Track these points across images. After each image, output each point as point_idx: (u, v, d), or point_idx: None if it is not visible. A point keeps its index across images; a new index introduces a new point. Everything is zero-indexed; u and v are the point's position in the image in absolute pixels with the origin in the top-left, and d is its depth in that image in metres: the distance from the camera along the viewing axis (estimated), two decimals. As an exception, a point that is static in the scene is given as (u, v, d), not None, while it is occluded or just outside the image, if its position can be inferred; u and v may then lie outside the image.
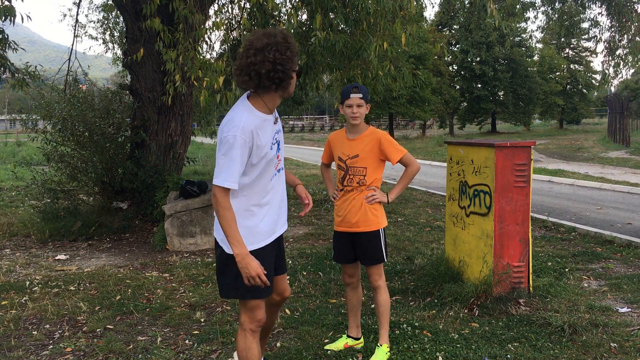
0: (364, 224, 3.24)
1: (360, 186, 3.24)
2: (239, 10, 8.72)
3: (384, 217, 3.31)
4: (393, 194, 3.25)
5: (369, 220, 3.24)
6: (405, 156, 3.24)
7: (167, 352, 3.47)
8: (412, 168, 3.27)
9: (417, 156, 21.31)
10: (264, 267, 2.45)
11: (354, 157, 3.24)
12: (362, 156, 3.22)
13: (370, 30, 6.65)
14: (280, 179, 2.62)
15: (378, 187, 3.29)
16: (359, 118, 3.20)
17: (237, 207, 2.45)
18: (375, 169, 3.24)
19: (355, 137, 3.26)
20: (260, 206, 2.51)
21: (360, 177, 3.23)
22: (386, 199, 3.25)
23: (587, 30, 28.60)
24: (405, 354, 3.35)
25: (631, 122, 26.61)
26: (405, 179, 3.27)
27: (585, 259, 5.70)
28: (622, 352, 3.39)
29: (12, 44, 7.06)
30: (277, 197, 2.58)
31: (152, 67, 7.57)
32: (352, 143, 3.26)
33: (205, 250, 6.29)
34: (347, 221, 3.28)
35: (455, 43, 39.34)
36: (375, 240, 3.26)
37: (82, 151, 7.71)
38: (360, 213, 3.23)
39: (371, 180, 3.24)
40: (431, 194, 10.91)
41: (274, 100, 2.47)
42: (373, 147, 3.22)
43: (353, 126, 3.25)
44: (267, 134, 2.44)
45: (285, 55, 2.33)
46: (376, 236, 3.26)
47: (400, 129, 51.86)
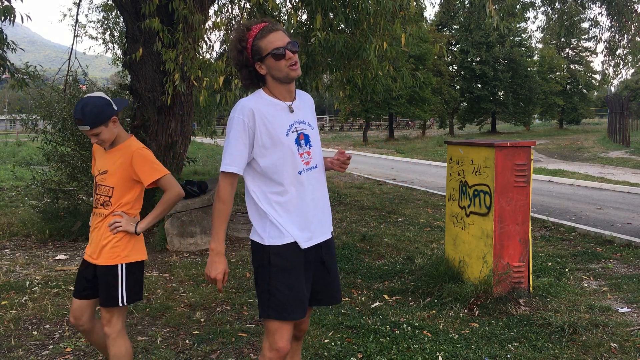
0: (101, 255, 2.64)
1: (105, 208, 2.66)
2: (239, 10, 8.73)
3: (133, 251, 2.67)
4: (143, 224, 2.67)
5: (106, 252, 2.63)
6: (164, 178, 2.66)
7: (167, 352, 3.47)
8: (171, 193, 2.68)
9: (417, 156, 21.29)
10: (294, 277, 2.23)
11: (103, 174, 2.68)
12: (111, 172, 2.65)
13: (370, 30, 6.65)
14: (313, 179, 2.33)
15: (130, 213, 2.69)
16: (104, 142, 2.65)
17: (259, 193, 2.27)
18: (125, 190, 2.66)
19: (111, 149, 2.70)
20: (280, 202, 2.26)
21: (105, 198, 2.66)
22: (133, 229, 2.63)
23: (587, 30, 28.64)
24: (405, 354, 3.35)
25: (631, 122, 26.62)
26: (162, 206, 2.69)
27: (585, 259, 5.70)
28: (622, 352, 3.39)
29: (11, 44, 7.05)
30: (306, 197, 2.29)
31: (152, 67, 7.57)
32: (106, 156, 2.71)
33: (205, 250, 6.29)
34: (90, 249, 2.71)
35: (455, 43, 39.34)
36: (109, 277, 2.61)
37: (82, 151, 7.70)
38: (101, 242, 2.64)
39: (118, 204, 2.65)
40: (431, 194, 10.90)
41: (277, 88, 2.27)
42: (124, 162, 2.64)
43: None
44: (279, 119, 2.25)
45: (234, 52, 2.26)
46: (113, 272, 2.61)
47: (400, 129, 51.86)
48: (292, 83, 2.31)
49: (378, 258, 5.82)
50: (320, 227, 2.34)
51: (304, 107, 2.39)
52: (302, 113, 2.35)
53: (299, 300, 2.24)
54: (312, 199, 2.32)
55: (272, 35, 2.20)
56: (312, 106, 2.49)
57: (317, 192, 2.35)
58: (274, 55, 2.20)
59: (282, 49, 2.19)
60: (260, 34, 2.21)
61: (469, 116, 41.47)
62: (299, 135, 2.29)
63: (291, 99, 2.33)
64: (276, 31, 2.21)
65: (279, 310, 2.22)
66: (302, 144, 2.30)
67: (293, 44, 2.22)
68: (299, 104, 2.37)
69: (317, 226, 2.33)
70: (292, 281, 2.23)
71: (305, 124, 2.34)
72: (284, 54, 2.19)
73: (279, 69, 2.21)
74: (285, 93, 2.30)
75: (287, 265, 2.24)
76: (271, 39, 2.20)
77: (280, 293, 2.22)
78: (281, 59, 2.20)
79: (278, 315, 2.22)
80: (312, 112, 2.46)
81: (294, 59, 2.21)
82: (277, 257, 2.23)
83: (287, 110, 2.29)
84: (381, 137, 39.47)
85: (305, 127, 2.33)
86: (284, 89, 2.28)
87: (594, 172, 14.13)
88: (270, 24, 2.24)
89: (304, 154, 2.30)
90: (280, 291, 2.22)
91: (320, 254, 2.36)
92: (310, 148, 2.33)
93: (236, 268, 5.45)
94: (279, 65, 2.20)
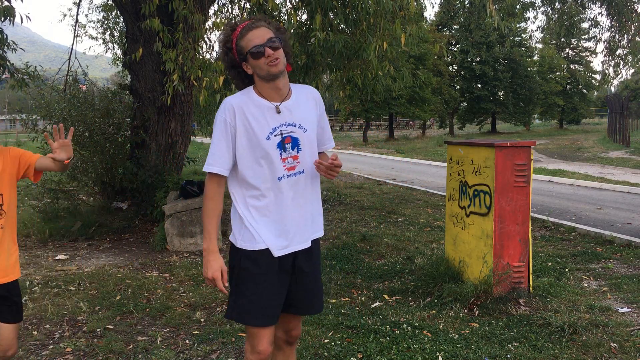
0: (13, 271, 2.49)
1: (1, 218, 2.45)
2: (239, 10, 8.72)
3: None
4: None
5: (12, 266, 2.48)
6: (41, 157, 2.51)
7: (167, 352, 3.47)
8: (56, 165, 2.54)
9: (417, 156, 21.31)
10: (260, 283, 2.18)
11: None
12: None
13: (370, 30, 6.65)
14: (298, 184, 2.21)
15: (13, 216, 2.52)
16: None
17: (237, 196, 2.24)
18: (12, 193, 2.52)
19: None
20: (257, 207, 2.20)
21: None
22: None
23: (587, 30, 28.63)
24: (405, 354, 3.35)
25: (631, 122, 26.60)
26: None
27: (585, 259, 5.70)
28: (622, 352, 3.39)
29: (11, 44, 7.06)
30: (285, 203, 2.19)
31: (152, 67, 7.57)
32: None
33: (205, 250, 6.29)
34: None
35: (455, 43, 39.34)
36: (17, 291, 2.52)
37: (82, 151, 7.71)
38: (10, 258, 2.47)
39: (9, 210, 2.48)
40: (431, 194, 10.90)
41: (264, 87, 2.19)
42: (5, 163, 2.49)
43: None
44: (261, 121, 2.16)
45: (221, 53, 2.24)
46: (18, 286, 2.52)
47: (400, 129, 51.86)
48: (280, 80, 2.18)
49: (378, 258, 5.82)
50: (299, 235, 2.23)
51: (300, 106, 2.25)
52: (294, 114, 2.22)
53: (264, 306, 2.18)
54: (294, 206, 2.21)
55: (251, 34, 2.13)
56: (315, 101, 2.33)
57: (300, 199, 2.22)
58: (252, 54, 2.13)
59: (261, 46, 2.11)
60: (241, 33, 2.15)
61: (469, 116, 41.45)
62: (284, 138, 2.18)
63: (280, 98, 2.21)
64: (256, 28, 2.14)
65: (242, 313, 2.19)
66: (287, 148, 2.18)
67: (273, 40, 2.12)
68: (293, 104, 2.24)
69: (297, 234, 2.22)
70: (259, 287, 2.18)
71: (295, 127, 2.20)
72: (262, 51, 2.11)
73: (260, 67, 2.14)
74: (273, 92, 2.20)
75: (256, 271, 2.18)
76: (250, 37, 2.13)
77: (245, 297, 2.18)
78: (260, 57, 2.12)
79: (240, 318, 2.21)
80: (312, 109, 2.30)
81: (274, 56, 2.11)
82: (248, 261, 2.20)
83: (274, 112, 2.19)
84: (381, 137, 39.47)
85: (295, 130, 2.20)
86: (270, 87, 2.19)
87: (594, 172, 14.13)
88: (252, 21, 2.17)
89: (288, 159, 2.18)
90: (246, 295, 2.18)
91: (298, 262, 2.26)
92: (298, 152, 2.20)
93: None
94: (259, 63, 2.13)
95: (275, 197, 2.18)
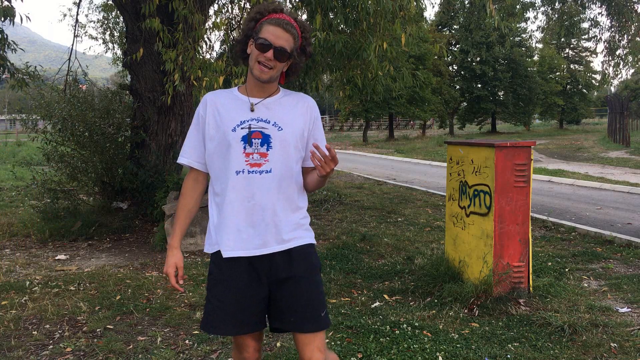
0: None
1: None
2: (239, 10, 8.73)
3: None
4: None
5: None
6: None
7: (167, 352, 3.47)
8: None
9: (417, 156, 21.31)
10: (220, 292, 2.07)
11: None
12: None
13: (370, 30, 6.66)
14: (262, 183, 2.05)
15: None
16: None
17: (210, 193, 2.16)
18: None
19: None
20: (218, 204, 2.11)
21: None
22: None
23: (587, 30, 28.67)
24: (405, 354, 3.35)
25: (631, 122, 26.61)
26: None
27: (585, 259, 5.70)
28: (622, 352, 3.39)
29: (11, 44, 7.06)
30: (242, 201, 2.04)
31: (152, 67, 7.57)
32: None
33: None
34: None
35: (455, 43, 39.34)
36: None
37: (82, 151, 7.71)
38: None
39: None
40: (431, 194, 10.90)
41: (250, 83, 2.14)
42: None
43: None
44: (232, 113, 2.09)
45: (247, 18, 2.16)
46: None
47: (400, 129, 51.85)
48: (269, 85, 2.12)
49: (378, 258, 5.82)
50: (258, 238, 2.05)
51: (282, 106, 2.14)
52: (271, 111, 2.11)
53: (229, 315, 2.05)
54: (251, 205, 2.04)
55: (274, 28, 2.03)
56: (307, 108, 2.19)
57: (263, 199, 2.04)
58: (256, 42, 2.04)
59: (268, 45, 2.02)
60: (272, 20, 2.05)
61: (469, 116, 41.46)
62: (252, 132, 2.05)
63: (262, 97, 2.13)
64: (282, 29, 2.03)
65: (206, 322, 2.10)
66: (255, 143, 2.05)
67: (282, 50, 2.02)
68: (273, 102, 2.14)
69: (254, 237, 2.05)
70: (223, 294, 2.06)
71: (267, 123, 2.08)
72: (264, 50, 2.02)
73: (253, 59, 2.06)
74: (256, 89, 2.13)
75: (219, 276, 2.09)
76: (270, 30, 2.03)
77: (210, 304, 2.10)
78: (259, 52, 2.04)
79: (204, 327, 2.10)
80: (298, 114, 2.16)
81: (269, 64, 2.03)
82: (213, 265, 2.12)
83: (247, 106, 2.10)
84: (381, 137, 39.47)
85: (267, 127, 2.07)
86: (256, 85, 2.12)
87: (594, 172, 14.13)
88: (286, 20, 2.06)
89: (254, 154, 2.04)
90: (211, 302, 2.10)
91: (273, 268, 2.08)
92: (268, 150, 2.05)
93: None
94: (255, 55, 2.05)
95: (233, 193, 2.05)
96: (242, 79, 6.06)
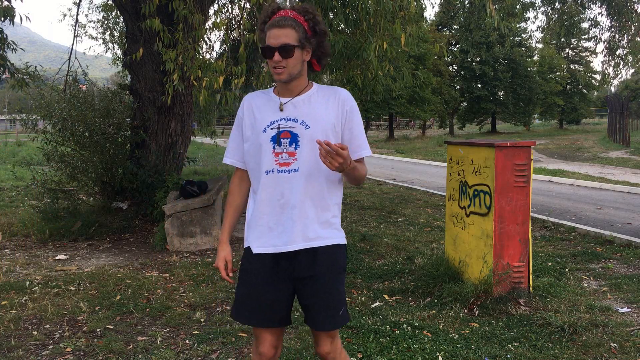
0: None
1: None
2: (239, 10, 8.73)
3: None
4: None
5: None
6: None
7: (167, 352, 3.47)
8: None
9: (417, 156, 21.31)
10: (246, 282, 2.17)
11: None
12: None
13: (370, 30, 6.66)
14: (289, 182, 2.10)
15: None
16: None
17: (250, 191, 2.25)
18: None
19: None
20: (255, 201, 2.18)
21: None
22: None
23: (587, 30, 28.65)
24: (405, 354, 3.35)
25: (631, 122, 26.61)
26: None
27: (585, 259, 5.70)
28: (622, 352, 3.39)
29: (11, 44, 7.06)
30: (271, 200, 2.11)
31: (152, 67, 7.58)
32: None
33: (205, 250, 6.29)
34: None
35: (455, 43, 39.35)
36: None
37: (82, 151, 7.71)
38: None
39: None
40: (431, 194, 10.90)
41: (278, 84, 2.19)
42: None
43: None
44: (264, 113, 2.16)
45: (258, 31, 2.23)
46: None
47: (400, 129, 51.86)
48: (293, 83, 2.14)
49: (378, 258, 5.82)
50: (284, 235, 2.11)
51: (311, 103, 2.15)
52: (299, 110, 2.13)
53: (254, 306, 2.15)
54: (282, 204, 2.10)
55: (272, 31, 2.05)
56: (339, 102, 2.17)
57: (292, 197, 2.09)
58: (263, 52, 2.08)
59: (271, 49, 2.04)
60: (270, 23, 2.07)
61: (469, 116, 41.48)
62: (281, 132, 2.10)
63: (292, 96, 2.16)
64: (279, 27, 2.04)
65: (233, 309, 2.22)
66: (284, 143, 2.10)
67: (287, 47, 2.03)
68: (302, 100, 2.15)
69: (281, 233, 2.11)
70: (249, 286, 2.17)
71: (295, 122, 2.11)
72: (271, 55, 2.05)
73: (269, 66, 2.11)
74: (285, 91, 2.17)
75: (249, 269, 2.19)
76: (270, 34, 2.06)
77: (238, 294, 2.21)
78: (268, 58, 2.08)
79: (232, 313, 2.24)
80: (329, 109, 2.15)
81: (280, 64, 2.05)
82: (244, 259, 2.23)
83: (277, 106, 2.15)
84: (381, 137, 39.47)
85: (295, 126, 2.11)
86: (282, 86, 2.17)
87: (594, 172, 14.13)
88: (281, 17, 2.06)
89: (282, 154, 2.09)
90: (239, 292, 2.21)
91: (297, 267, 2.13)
92: (296, 149, 2.09)
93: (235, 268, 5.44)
94: (268, 63, 2.10)
95: (264, 192, 2.12)
96: (242, 79, 6.06)
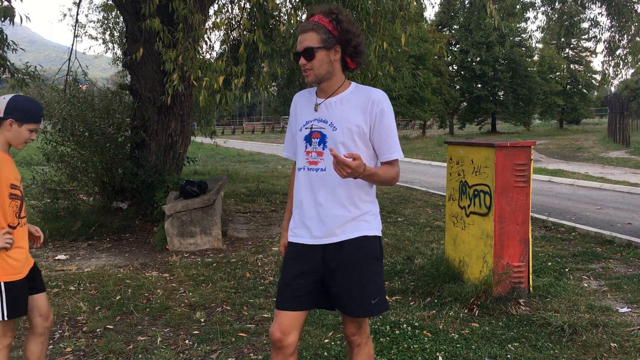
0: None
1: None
2: (239, 10, 8.73)
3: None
4: None
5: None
6: None
7: (167, 352, 3.47)
8: None
9: (417, 156, 21.31)
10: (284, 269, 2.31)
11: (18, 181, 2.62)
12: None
13: (370, 30, 6.65)
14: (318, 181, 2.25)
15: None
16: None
17: None
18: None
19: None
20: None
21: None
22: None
23: (587, 30, 28.65)
24: (405, 354, 3.35)
25: (631, 122, 26.60)
26: None
27: (585, 259, 5.70)
28: (622, 352, 3.39)
29: (11, 44, 7.06)
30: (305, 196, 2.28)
31: (152, 67, 7.58)
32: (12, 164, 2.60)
33: (205, 250, 6.29)
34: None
35: (455, 43, 39.34)
36: None
37: (82, 151, 7.72)
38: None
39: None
40: (431, 194, 10.90)
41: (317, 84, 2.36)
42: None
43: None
44: (304, 113, 2.34)
45: None
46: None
47: (400, 129, 51.86)
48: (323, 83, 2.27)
49: (378, 258, 5.81)
50: (317, 230, 2.26)
51: (342, 105, 2.25)
52: (330, 111, 2.26)
53: (283, 290, 2.29)
54: (311, 200, 2.26)
55: (299, 37, 2.24)
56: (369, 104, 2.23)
57: (319, 195, 2.24)
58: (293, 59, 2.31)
59: (296, 54, 2.23)
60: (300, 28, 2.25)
61: (469, 116, 41.44)
62: (313, 132, 2.27)
63: (326, 97, 2.29)
64: (302, 33, 2.21)
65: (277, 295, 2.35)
66: (314, 142, 2.26)
67: (308, 50, 2.18)
68: (335, 101, 2.26)
69: (311, 228, 2.27)
70: (286, 273, 2.31)
71: (326, 124, 2.25)
72: (297, 60, 2.24)
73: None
74: (320, 92, 2.33)
75: (288, 257, 2.36)
76: (298, 41, 2.25)
77: (280, 280, 2.35)
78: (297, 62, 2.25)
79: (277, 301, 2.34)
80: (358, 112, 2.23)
81: (305, 67, 2.22)
82: (287, 250, 2.40)
83: (314, 107, 2.32)
84: (381, 137, 39.37)
85: (324, 127, 2.25)
86: (317, 88, 2.34)
87: (594, 172, 14.13)
88: (302, 25, 2.24)
89: (312, 153, 2.26)
90: (281, 278, 2.35)
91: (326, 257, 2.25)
92: (323, 149, 2.24)
93: (236, 268, 5.45)
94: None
95: (298, 187, 2.33)
96: (242, 79, 6.06)
